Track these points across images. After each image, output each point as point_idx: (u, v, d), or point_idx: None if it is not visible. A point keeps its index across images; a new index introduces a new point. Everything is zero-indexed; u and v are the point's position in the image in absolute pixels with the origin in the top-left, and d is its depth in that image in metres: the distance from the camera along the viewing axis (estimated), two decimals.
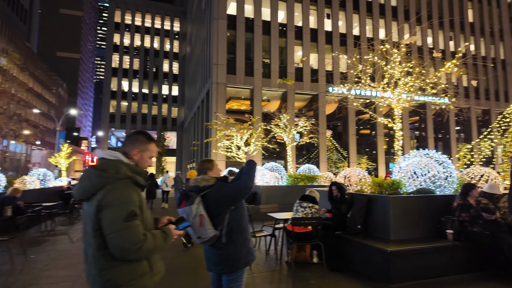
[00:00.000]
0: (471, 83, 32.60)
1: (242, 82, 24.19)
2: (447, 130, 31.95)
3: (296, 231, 4.80)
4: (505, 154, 13.12)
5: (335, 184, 5.71)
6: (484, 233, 4.60)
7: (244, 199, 2.43)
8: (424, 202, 5.11)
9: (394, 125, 7.17)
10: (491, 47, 34.15)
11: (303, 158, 28.71)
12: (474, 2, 33.75)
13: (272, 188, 10.64)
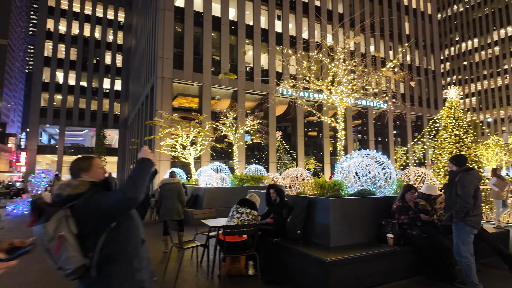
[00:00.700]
0: (407, 90, 35.41)
1: (190, 78, 23.06)
2: (386, 134, 34.23)
3: (228, 240, 4.19)
4: (435, 156, 13.99)
5: (273, 187, 5.23)
6: (422, 236, 4.47)
7: (125, 213, 1.72)
8: (364, 204, 4.87)
9: (337, 125, 6.98)
10: (423, 58, 37.46)
11: (254, 159, 28.45)
12: (410, 16, 36.74)
13: (215, 190, 9.95)
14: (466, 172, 3.93)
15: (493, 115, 69.58)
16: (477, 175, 3.93)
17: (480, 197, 3.91)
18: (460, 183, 3.90)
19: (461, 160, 4.09)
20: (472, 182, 3.86)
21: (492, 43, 70.11)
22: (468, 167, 4.01)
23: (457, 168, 4.09)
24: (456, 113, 13.41)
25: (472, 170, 3.94)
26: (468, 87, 73.94)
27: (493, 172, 9.00)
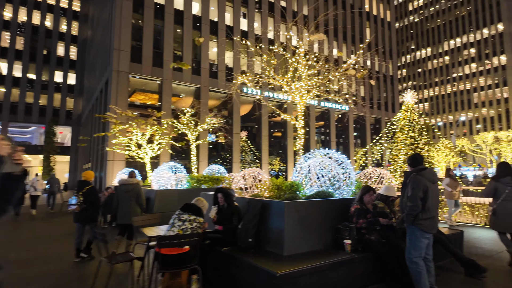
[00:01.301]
0: (366, 94, 36.73)
1: (149, 73, 21.79)
2: (347, 135, 35.19)
3: (165, 253, 3.58)
4: (392, 157, 14.38)
5: (220, 190, 4.69)
6: (381, 241, 4.18)
7: None
8: (321, 207, 4.51)
9: (296, 123, 6.62)
10: (383, 63, 39.12)
11: (218, 159, 27.72)
12: (371, 23, 38.18)
13: (168, 193, 9.18)
14: (417, 173, 3.69)
15: (443, 119, 74.94)
16: (429, 175, 3.67)
17: (433, 199, 3.64)
18: (410, 185, 3.66)
19: (415, 161, 3.85)
20: (421, 183, 3.59)
21: (443, 53, 75.53)
22: (421, 168, 3.76)
23: (411, 169, 3.86)
24: (411, 116, 13.93)
25: (424, 171, 3.69)
26: (422, 92, 78.98)
27: (446, 173, 9.21)
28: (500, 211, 4.97)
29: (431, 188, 3.64)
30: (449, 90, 74.14)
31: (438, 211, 3.79)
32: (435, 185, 3.72)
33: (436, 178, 3.74)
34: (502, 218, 4.97)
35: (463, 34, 71.93)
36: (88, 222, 5.98)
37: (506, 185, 4.93)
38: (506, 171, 5.05)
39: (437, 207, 3.76)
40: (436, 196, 3.70)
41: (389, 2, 40.92)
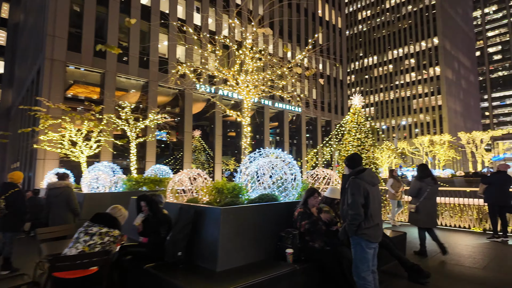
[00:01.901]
0: (318, 97, 37.84)
1: (89, 63, 19.83)
2: (299, 136, 35.88)
3: (62, 277, 2.82)
4: (340, 158, 14.74)
5: (144, 198, 3.99)
6: (325, 249, 3.84)
7: None
8: (264, 212, 4.05)
9: (243, 120, 6.12)
10: (333, 68, 40.67)
11: (170, 159, 26.31)
12: (323, 27, 39.44)
13: (98, 197, 8.10)
14: (356, 176, 3.35)
15: (386, 123, 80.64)
16: (369, 178, 3.33)
17: (376, 204, 3.32)
18: (349, 190, 3.30)
19: (353, 161, 3.50)
20: (360, 187, 3.23)
21: (387, 61, 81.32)
22: (359, 169, 3.42)
23: (349, 171, 3.50)
24: (358, 118, 14.41)
25: (363, 173, 3.33)
26: (368, 98, 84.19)
27: (390, 174, 9.42)
28: (422, 208, 5.43)
29: (372, 192, 3.31)
30: (392, 96, 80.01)
31: (381, 217, 3.51)
32: (376, 188, 3.41)
33: (376, 180, 3.43)
34: (424, 215, 5.44)
35: (404, 45, 78.14)
36: (8, 231, 5.09)
37: (427, 185, 5.42)
38: (427, 172, 5.55)
39: (380, 213, 3.47)
40: (378, 200, 3.39)
41: (341, 10, 42.71)
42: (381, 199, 3.50)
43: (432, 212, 5.47)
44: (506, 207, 6.46)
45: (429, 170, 5.63)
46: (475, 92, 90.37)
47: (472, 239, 6.72)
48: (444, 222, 8.27)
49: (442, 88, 71.65)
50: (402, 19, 78.87)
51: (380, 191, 3.58)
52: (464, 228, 7.81)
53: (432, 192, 5.45)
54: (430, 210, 5.42)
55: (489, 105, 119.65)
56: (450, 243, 6.44)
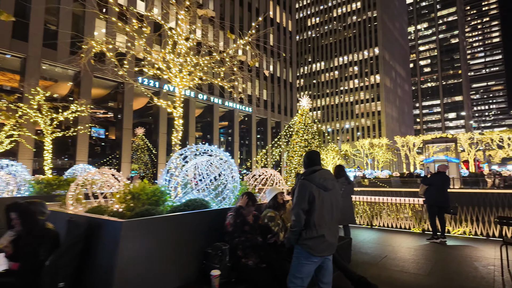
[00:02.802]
0: (269, 98, 37.91)
1: (6, 45, 16.98)
2: (250, 137, 35.50)
3: None
4: (288, 159, 14.53)
5: (14, 208, 2.89)
6: (260, 267, 3.14)
7: None
8: (187, 224, 3.22)
9: (174, 111, 5.21)
10: (283, 70, 41.14)
11: (107, 158, 23.90)
12: (274, 29, 39.68)
13: None
14: (305, 178, 2.81)
15: (332, 126, 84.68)
16: (319, 180, 2.77)
17: (324, 211, 2.74)
18: (295, 193, 2.77)
19: (308, 160, 2.96)
20: (306, 191, 2.71)
21: (333, 68, 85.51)
22: (312, 170, 2.86)
23: (304, 170, 2.95)
24: (306, 120, 14.33)
25: (314, 174, 2.78)
26: (316, 101, 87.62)
27: None
28: None
29: (321, 197, 2.73)
30: (337, 101, 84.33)
31: (335, 228, 2.92)
32: (330, 193, 2.82)
33: (330, 183, 2.82)
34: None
35: (349, 53, 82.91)
36: None
37: (342, 184, 5.61)
38: (342, 173, 5.85)
39: (333, 223, 2.85)
40: (329, 208, 2.79)
41: (291, 13, 43.44)
42: (337, 205, 2.89)
43: (347, 210, 5.66)
44: (444, 208, 6.48)
45: (345, 171, 5.95)
46: (409, 100, 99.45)
47: (413, 241, 6.64)
48: (385, 223, 8.22)
49: (381, 95, 77.41)
50: (347, 28, 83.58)
51: (339, 196, 2.97)
52: (404, 229, 7.82)
53: (346, 192, 5.66)
54: (344, 209, 5.46)
55: (420, 112, 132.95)
56: (393, 245, 6.26)
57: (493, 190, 7.06)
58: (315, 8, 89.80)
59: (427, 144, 28.62)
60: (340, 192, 3.03)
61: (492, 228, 6.69)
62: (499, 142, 45.97)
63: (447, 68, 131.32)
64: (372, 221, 8.44)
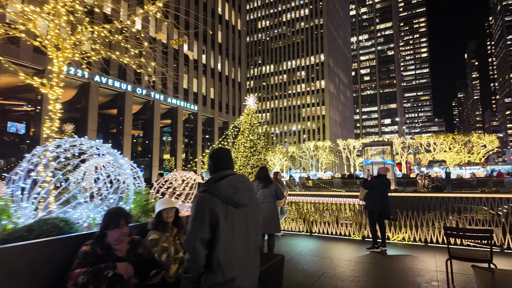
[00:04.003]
0: (216, 96, 36.61)
1: None
2: (195, 136, 33.78)
3: None
4: (233, 159, 13.67)
5: None
6: None
7: None
8: (25, 260, 1.97)
9: (49, 91, 3.81)
10: (232, 69, 40.20)
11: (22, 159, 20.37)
12: (223, 26, 38.56)
13: None
14: (206, 189, 1.80)
15: (280, 128, 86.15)
16: (227, 192, 1.78)
17: (235, 240, 1.75)
18: (190, 215, 1.76)
19: (215, 162, 1.93)
20: (205, 210, 1.72)
21: (282, 71, 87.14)
22: (219, 176, 1.85)
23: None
24: (252, 120, 13.54)
25: (219, 182, 1.82)
26: (265, 104, 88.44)
27: (274, 176, 8.34)
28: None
29: (230, 217, 1.75)
30: (285, 104, 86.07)
31: (253, 264, 1.85)
32: (246, 209, 1.82)
33: (245, 196, 1.82)
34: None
35: (297, 58, 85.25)
36: None
37: (257, 187, 5.22)
38: (260, 175, 5.39)
39: (249, 257, 1.82)
40: (242, 233, 1.79)
41: (241, 11, 42.73)
42: (257, 228, 1.90)
43: (268, 218, 5.01)
44: (384, 213, 6.01)
45: (265, 173, 5.39)
46: (350, 105, 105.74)
47: (353, 251, 6.05)
48: (325, 230, 7.63)
49: (326, 100, 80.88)
50: (295, 34, 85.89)
51: (259, 214, 1.94)
52: (344, 236, 7.28)
53: (263, 196, 5.14)
54: (266, 216, 4.96)
55: (360, 118, 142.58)
56: (332, 258, 5.57)
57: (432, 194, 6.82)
58: (266, 11, 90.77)
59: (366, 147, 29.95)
60: (260, 207, 2.03)
61: (430, 234, 6.41)
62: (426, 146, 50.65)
63: (384, 77, 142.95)
64: (312, 228, 7.79)
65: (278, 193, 5.29)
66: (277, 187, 5.35)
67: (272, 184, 5.31)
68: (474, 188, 23.57)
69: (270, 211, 5.16)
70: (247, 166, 13.41)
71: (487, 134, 48.14)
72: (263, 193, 5.19)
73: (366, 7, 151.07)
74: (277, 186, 5.38)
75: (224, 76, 38.33)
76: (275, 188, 5.30)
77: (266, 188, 5.21)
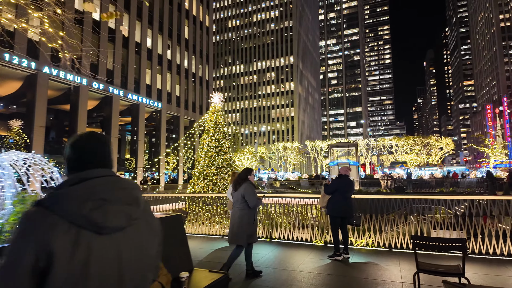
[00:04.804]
0: (182, 94, 35.18)
1: None
2: (159, 135, 32.14)
3: None
4: (196, 159, 13.00)
5: None
6: None
7: None
8: None
9: None
10: (199, 67, 38.93)
11: None
12: (190, 21, 37.22)
13: None
14: (49, 199, 0.98)
15: (249, 129, 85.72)
16: (78, 207, 0.95)
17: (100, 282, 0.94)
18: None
19: (74, 153, 1.12)
20: (26, 243, 0.92)
21: (252, 72, 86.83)
22: (77, 178, 1.04)
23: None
24: (217, 118, 12.75)
25: (71, 189, 1.00)
26: (235, 104, 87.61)
27: (231, 178, 7.53)
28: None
29: (80, 254, 0.93)
30: (255, 104, 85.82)
31: None
32: (121, 237, 1.03)
33: (118, 217, 0.99)
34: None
35: (267, 59, 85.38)
36: None
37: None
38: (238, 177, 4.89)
39: None
40: (108, 280, 0.98)
41: (209, 8, 41.61)
42: (142, 270, 1.10)
43: (233, 227, 4.50)
44: (347, 219, 5.49)
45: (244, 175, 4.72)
46: (318, 108, 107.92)
47: (314, 260, 5.46)
48: (285, 235, 7.02)
49: (295, 102, 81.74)
50: (266, 35, 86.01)
51: (146, 244, 1.15)
52: (306, 242, 6.71)
53: (234, 200, 4.60)
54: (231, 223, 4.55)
55: (327, 120, 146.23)
56: (290, 269, 4.94)
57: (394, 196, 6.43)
58: (236, 11, 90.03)
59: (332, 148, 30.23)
60: (157, 229, 1.21)
61: (395, 239, 6.01)
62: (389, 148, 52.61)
63: (350, 81, 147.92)
64: (272, 233, 7.16)
65: (246, 196, 4.39)
66: (245, 188, 4.44)
67: (242, 185, 4.51)
68: (433, 188, 24.48)
69: (235, 219, 4.47)
70: (212, 167, 12.63)
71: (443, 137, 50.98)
72: (234, 196, 4.60)
73: (334, 12, 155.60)
74: (246, 187, 4.45)
75: (190, 73, 36.99)
76: (243, 190, 4.43)
77: (235, 191, 4.58)
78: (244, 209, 4.43)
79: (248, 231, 4.43)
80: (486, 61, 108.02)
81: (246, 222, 4.40)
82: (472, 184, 23.79)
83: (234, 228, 4.47)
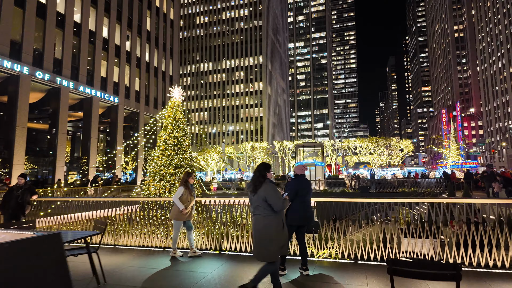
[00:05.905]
0: (142, 89, 32.98)
1: None
2: (115, 133, 29.73)
3: None
4: (153, 158, 11.65)
5: None
6: None
7: None
8: None
9: None
10: (162, 61, 36.86)
11: None
12: (153, 13, 35.08)
13: None
14: None
15: (218, 128, 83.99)
16: None
17: None
18: None
19: None
20: None
21: (221, 70, 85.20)
22: None
23: None
24: (177, 114, 11.48)
25: None
26: (203, 102, 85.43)
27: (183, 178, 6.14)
28: None
29: None
30: (224, 103, 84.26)
31: None
32: None
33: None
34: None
35: (236, 58, 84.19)
36: None
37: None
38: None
39: None
40: None
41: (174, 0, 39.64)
42: None
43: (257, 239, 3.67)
44: (304, 227, 4.56)
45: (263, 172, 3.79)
46: (287, 109, 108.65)
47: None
48: (237, 246, 5.96)
49: (264, 102, 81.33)
50: (235, 33, 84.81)
51: None
52: None
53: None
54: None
55: (295, 121, 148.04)
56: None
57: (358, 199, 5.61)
58: (205, 7, 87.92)
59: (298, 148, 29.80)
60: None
61: (361, 249, 5.17)
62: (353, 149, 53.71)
63: (317, 84, 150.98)
64: (222, 244, 6.06)
65: (269, 199, 3.58)
66: (266, 189, 3.63)
67: (262, 186, 3.63)
68: (395, 188, 24.80)
69: (260, 230, 3.62)
70: (169, 167, 11.31)
71: (404, 139, 52.99)
72: (254, 201, 3.72)
73: (303, 15, 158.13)
74: (267, 188, 3.63)
75: (152, 67, 34.85)
76: (263, 193, 3.59)
77: (254, 193, 3.70)
78: (270, 215, 3.59)
79: (280, 241, 3.56)
80: (442, 68, 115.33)
81: (274, 230, 3.57)
82: (432, 184, 24.41)
83: (261, 241, 3.56)
